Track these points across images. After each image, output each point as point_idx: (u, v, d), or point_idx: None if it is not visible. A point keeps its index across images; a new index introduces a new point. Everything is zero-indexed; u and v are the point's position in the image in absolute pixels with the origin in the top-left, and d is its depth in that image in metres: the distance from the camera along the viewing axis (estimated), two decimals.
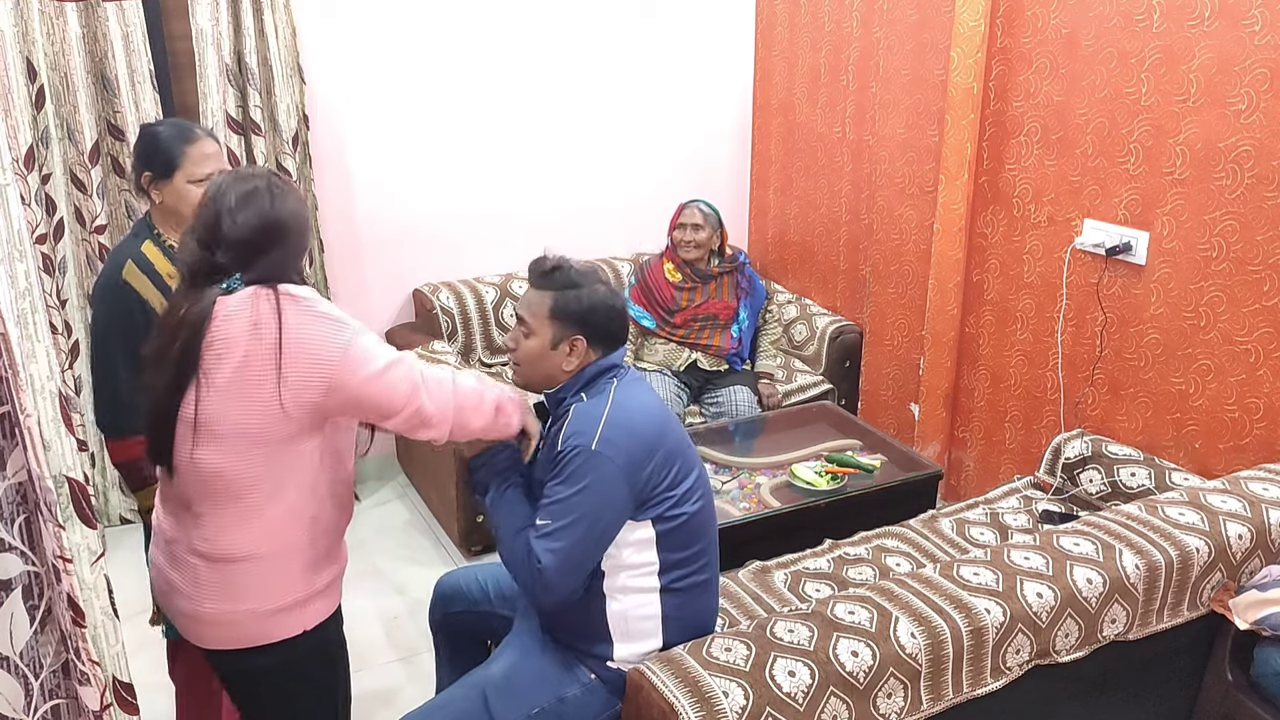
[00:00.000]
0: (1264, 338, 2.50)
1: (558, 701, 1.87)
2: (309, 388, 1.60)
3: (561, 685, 1.88)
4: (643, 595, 1.87)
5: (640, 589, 1.86)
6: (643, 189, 4.14)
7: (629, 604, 1.87)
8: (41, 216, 3.02)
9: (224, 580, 1.69)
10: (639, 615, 1.87)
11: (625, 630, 1.88)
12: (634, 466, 1.78)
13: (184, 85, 3.29)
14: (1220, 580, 2.13)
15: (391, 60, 3.56)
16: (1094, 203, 2.86)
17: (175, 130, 2.14)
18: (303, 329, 1.63)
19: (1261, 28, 2.37)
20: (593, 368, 1.89)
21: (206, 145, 2.12)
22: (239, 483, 1.64)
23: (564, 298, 1.86)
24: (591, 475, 1.75)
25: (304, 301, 1.66)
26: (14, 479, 1.23)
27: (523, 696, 1.87)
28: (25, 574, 1.27)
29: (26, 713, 1.28)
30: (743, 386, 3.54)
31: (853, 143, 3.79)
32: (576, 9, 3.81)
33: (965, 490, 3.46)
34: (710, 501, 1.94)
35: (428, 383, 1.70)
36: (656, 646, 1.89)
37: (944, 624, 1.83)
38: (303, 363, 1.60)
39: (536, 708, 1.86)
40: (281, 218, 1.71)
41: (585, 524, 1.76)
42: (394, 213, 3.73)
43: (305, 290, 1.69)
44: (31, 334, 1.19)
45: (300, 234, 1.74)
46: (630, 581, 1.86)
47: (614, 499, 1.78)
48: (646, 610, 1.87)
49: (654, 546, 1.85)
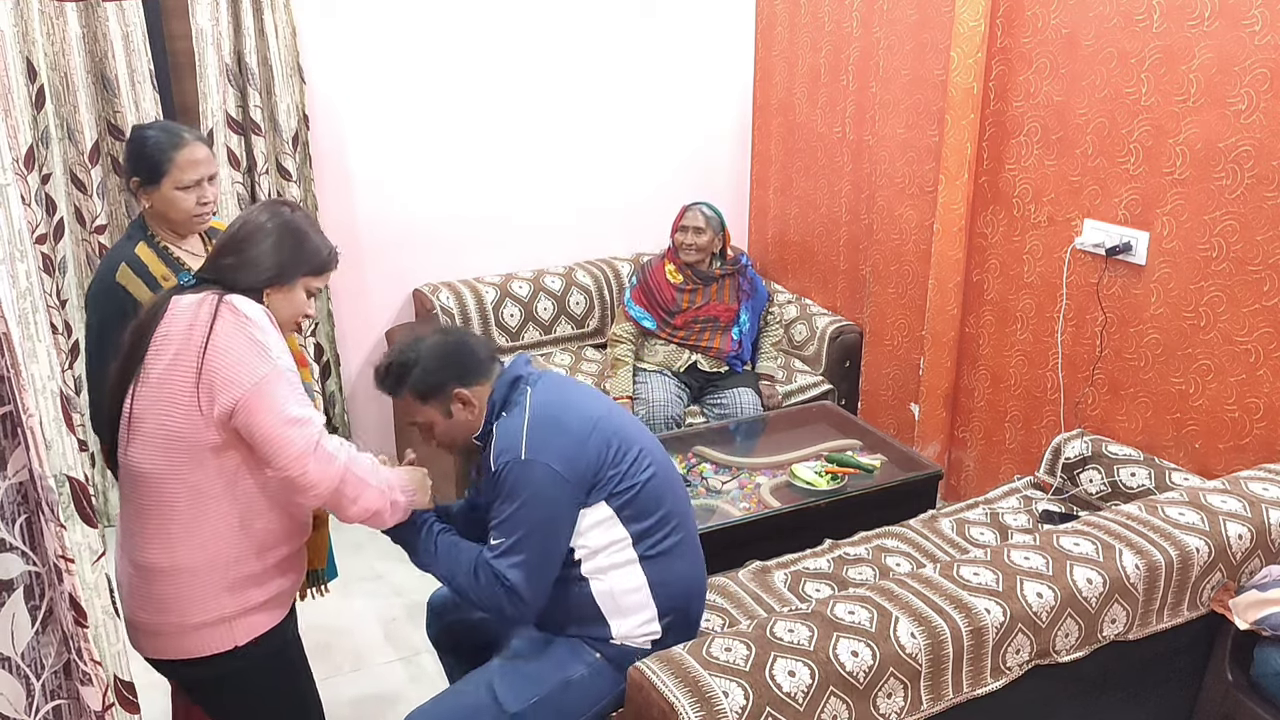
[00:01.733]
0: (1264, 338, 2.50)
1: (564, 684, 1.89)
2: (221, 398, 1.60)
3: (567, 667, 1.90)
4: (622, 570, 1.90)
5: (618, 564, 1.89)
6: (643, 189, 4.14)
7: (612, 582, 1.89)
8: (41, 216, 3.02)
9: (148, 590, 1.69)
10: (625, 589, 1.90)
11: (616, 607, 1.91)
12: (568, 461, 1.81)
13: (184, 85, 3.29)
14: (1220, 580, 2.13)
15: (391, 60, 3.56)
16: (1094, 203, 2.86)
17: (163, 135, 2.12)
18: (230, 341, 1.63)
19: (1261, 28, 2.37)
20: (498, 391, 1.91)
21: (195, 151, 2.11)
22: (162, 488, 1.64)
23: (415, 381, 1.91)
24: (529, 484, 1.78)
25: (243, 318, 1.65)
26: (15, 478, 1.23)
27: (529, 682, 1.89)
28: (26, 574, 1.26)
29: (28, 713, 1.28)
30: (747, 388, 3.54)
31: (853, 143, 3.79)
32: (576, 9, 3.81)
33: (965, 490, 3.46)
34: (664, 466, 1.97)
35: (319, 455, 1.65)
36: (652, 615, 1.92)
37: (944, 624, 1.83)
38: (219, 373, 1.61)
39: (544, 691, 1.88)
40: (252, 229, 1.75)
41: (538, 532, 1.80)
42: (394, 213, 3.73)
43: (254, 310, 1.68)
44: (32, 334, 1.19)
45: (267, 252, 1.75)
46: (606, 560, 1.89)
47: (558, 499, 1.81)
48: (631, 583, 1.90)
49: (617, 522, 1.88)
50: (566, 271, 3.99)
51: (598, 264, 4.06)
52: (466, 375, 1.91)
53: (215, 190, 2.18)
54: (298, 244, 1.79)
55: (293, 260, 1.78)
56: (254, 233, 1.77)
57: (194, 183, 2.11)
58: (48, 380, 1.21)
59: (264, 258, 1.75)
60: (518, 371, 1.94)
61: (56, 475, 1.22)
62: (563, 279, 3.96)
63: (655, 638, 1.95)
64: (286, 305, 1.79)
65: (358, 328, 3.79)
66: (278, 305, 1.78)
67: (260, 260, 1.75)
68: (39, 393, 1.19)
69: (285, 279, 1.77)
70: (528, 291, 3.88)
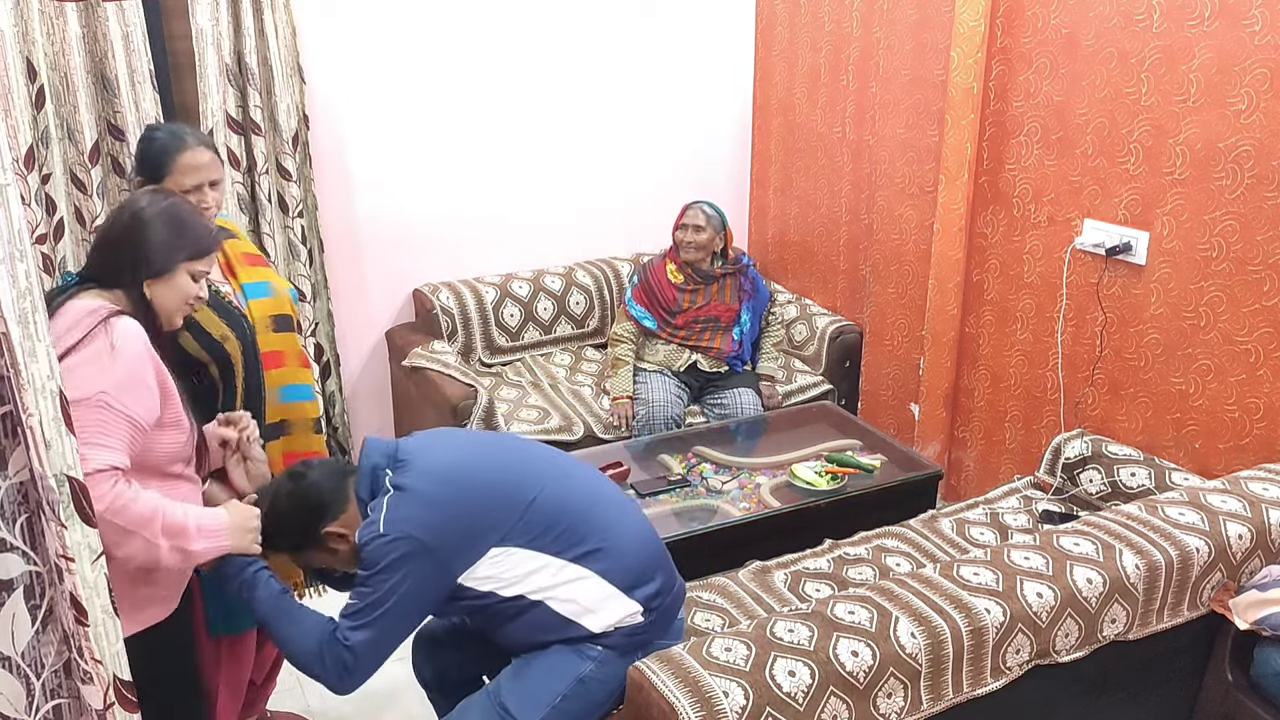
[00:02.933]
0: (1264, 338, 2.50)
1: (578, 683, 1.87)
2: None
3: (575, 667, 1.88)
4: (570, 581, 1.86)
5: (564, 580, 1.86)
6: (643, 189, 4.14)
7: (569, 592, 1.86)
8: (41, 216, 3.02)
9: None
10: (583, 591, 1.86)
11: (583, 609, 1.87)
12: (432, 528, 1.77)
13: (184, 85, 3.29)
14: (1220, 580, 2.13)
15: (391, 60, 3.56)
16: (1094, 203, 2.86)
17: (169, 137, 2.14)
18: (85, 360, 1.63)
19: (1261, 28, 2.37)
20: (362, 492, 1.85)
21: (198, 155, 2.12)
22: None
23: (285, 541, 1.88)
24: (389, 556, 1.74)
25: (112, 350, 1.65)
26: (16, 478, 1.23)
27: (542, 691, 1.87)
28: (27, 574, 1.27)
29: (28, 712, 1.28)
30: (748, 389, 3.54)
31: (853, 143, 3.79)
32: (576, 9, 3.81)
33: (965, 490, 3.46)
34: (556, 479, 1.92)
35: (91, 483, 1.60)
36: (622, 596, 1.88)
37: (944, 624, 1.83)
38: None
39: (560, 695, 1.86)
40: (125, 224, 1.77)
41: (394, 601, 1.75)
42: (394, 213, 3.73)
43: (129, 345, 1.67)
44: (32, 333, 1.19)
45: (143, 246, 1.75)
46: (549, 580, 1.85)
47: (420, 572, 1.76)
48: (585, 584, 1.86)
49: (531, 549, 1.84)
50: (566, 271, 3.99)
51: (598, 264, 4.06)
52: (327, 512, 1.85)
53: (218, 195, 2.18)
54: (173, 233, 1.78)
55: (169, 250, 1.77)
56: (128, 227, 1.78)
57: (193, 186, 2.12)
58: (47, 380, 1.21)
59: (139, 251, 1.76)
60: (372, 462, 1.86)
61: (56, 475, 1.22)
62: (563, 279, 3.96)
63: (643, 611, 1.91)
64: (170, 293, 1.79)
65: (358, 328, 3.79)
66: (161, 295, 1.78)
67: (136, 255, 1.76)
68: (39, 392, 1.19)
69: (165, 269, 1.78)
70: (528, 291, 3.88)
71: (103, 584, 1.32)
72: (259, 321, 2.21)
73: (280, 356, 2.25)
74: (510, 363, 3.84)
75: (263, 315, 2.22)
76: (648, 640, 1.93)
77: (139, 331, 1.71)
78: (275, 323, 2.24)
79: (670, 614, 1.98)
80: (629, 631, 1.90)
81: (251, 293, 2.22)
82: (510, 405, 3.48)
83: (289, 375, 2.27)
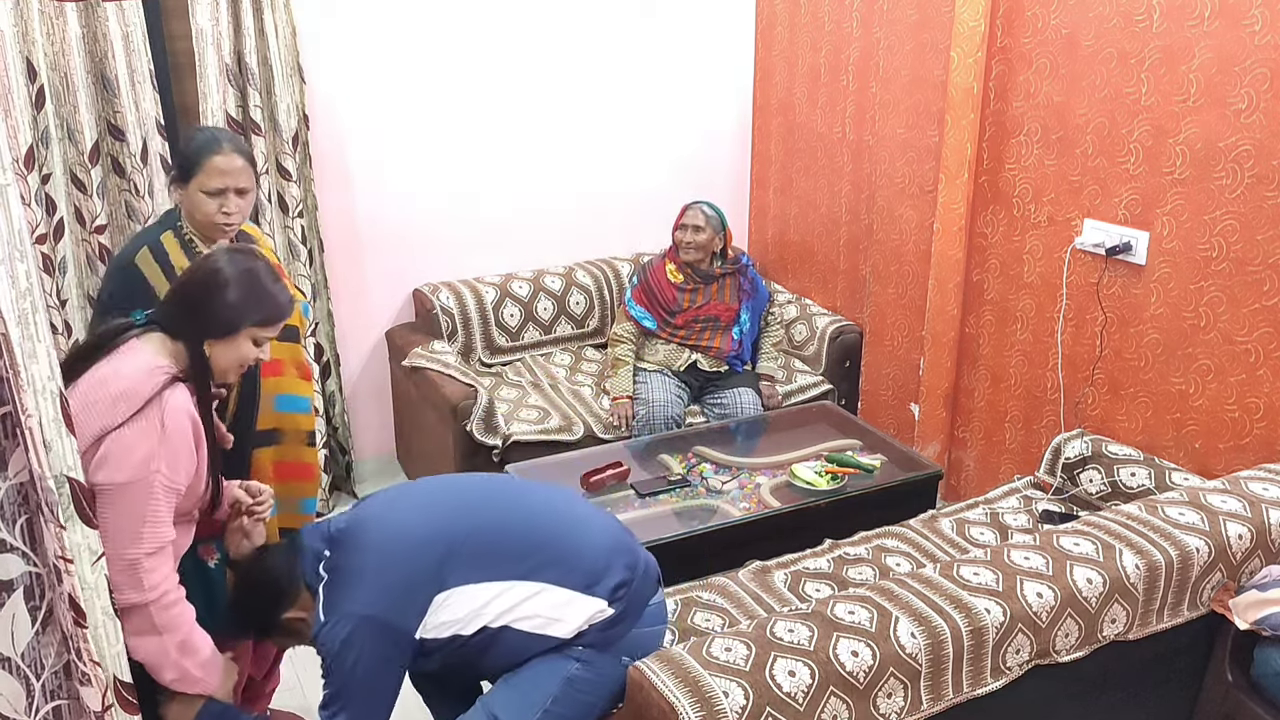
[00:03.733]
0: (1264, 338, 2.50)
1: (567, 683, 1.87)
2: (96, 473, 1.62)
3: (561, 669, 1.88)
4: (526, 599, 1.85)
5: (519, 599, 1.85)
6: (643, 189, 4.14)
7: (528, 609, 1.85)
8: (41, 216, 3.02)
9: None
10: (542, 603, 1.85)
11: (549, 619, 1.86)
12: (369, 602, 1.78)
13: (184, 85, 3.29)
14: (1220, 580, 2.13)
15: (391, 60, 3.56)
16: (1094, 203, 2.86)
17: (206, 139, 2.17)
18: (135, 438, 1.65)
19: (1261, 28, 2.37)
20: (311, 580, 1.86)
21: (228, 161, 2.13)
22: None
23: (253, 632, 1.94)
24: (337, 640, 1.76)
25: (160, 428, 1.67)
26: (15, 479, 1.23)
27: (532, 696, 1.87)
28: (26, 574, 1.27)
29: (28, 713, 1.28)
30: (747, 388, 3.54)
31: (853, 143, 3.79)
32: (576, 9, 3.81)
33: (965, 490, 3.46)
34: (490, 508, 1.94)
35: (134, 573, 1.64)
36: (582, 597, 1.87)
37: (944, 624, 1.83)
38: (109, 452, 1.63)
39: (550, 698, 1.86)
40: (207, 277, 1.79)
41: (357, 680, 1.76)
42: (394, 213, 3.73)
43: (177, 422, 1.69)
44: (32, 334, 1.19)
45: (217, 306, 1.77)
46: (505, 605, 1.84)
47: (372, 645, 1.77)
48: (541, 597, 1.85)
49: (477, 583, 1.83)
50: (566, 271, 3.99)
51: (598, 264, 4.06)
52: (284, 598, 1.87)
53: (243, 204, 2.18)
54: (246, 297, 1.79)
55: (239, 314, 1.79)
56: (203, 285, 1.79)
57: (218, 190, 2.14)
58: (47, 381, 1.21)
59: (209, 311, 1.77)
60: (310, 549, 1.88)
61: (56, 476, 1.22)
62: (563, 279, 3.96)
63: (609, 603, 1.88)
64: (228, 354, 1.80)
65: (358, 328, 3.79)
66: (219, 354, 1.79)
67: (205, 313, 1.77)
68: (39, 393, 1.19)
69: (230, 332, 1.79)
70: (528, 291, 3.88)
71: (103, 585, 1.32)
72: None
73: (279, 365, 2.25)
74: (510, 363, 3.84)
75: None
76: (624, 630, 1.91)
77: (185, 403, 1.73)
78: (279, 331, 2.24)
79: (640, 597, 1.95)
80: (602, 626, 1.89)
81: None
82: (510, 405, 3.48)
83: (285, 384, 2.27)
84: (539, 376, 3.73)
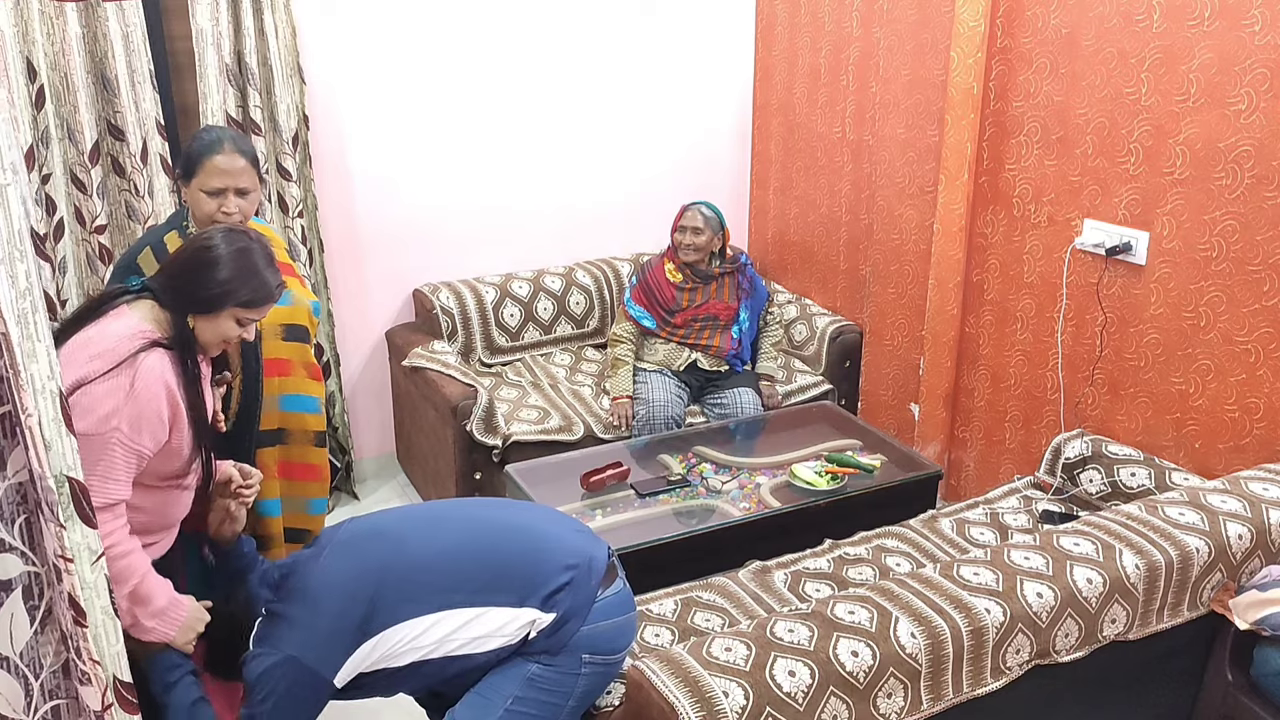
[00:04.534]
0: (1264, 338, 2.50)
1: (527, 682, 1.86)
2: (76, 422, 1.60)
3: (520, 669, 1.86)
4: (467, 624, 1.84)
5: (459, 624, 1.84)
6: (643, 189, 4.14)
7: (467, 634, 1.84)
8: (41, 216, 3.02)
9: None
10: (483, 627, 1.84)
11: (486, 635, 1.85)
12: (297, 643, 1.78)
13: (184, 85, 3.29)
14: (1220, 580, 2.13)
15: (391, 60, 3.56)
16: (1094, 203, 2.86)
17: (211, 138, 2.19)
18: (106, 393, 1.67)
19: (1261, 28, 2.37)
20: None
21: (228, 161, 2.15)
22: None
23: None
24: (253, 673, 1.78)
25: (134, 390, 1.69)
26: (15, 479, 1.23)
27: (491, 698, 1.86)
28: (26, 574, 1.27)
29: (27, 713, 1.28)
30: (747, 388, 3.54)
31: (853, 143, 3.79)
32: (576, 8, 3.81)
33: (965, 490, 3.46)
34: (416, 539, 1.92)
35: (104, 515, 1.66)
36: (515, 609, 1.86)
37: (944, 624, 1.83)
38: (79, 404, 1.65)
39: (510, 697, 1.85)
40: (201, 251, 1.82)
41: (262, 713, 1.77)
42: (394, 213, 3.73)
43: (150, 386, 1.71)
44: (32, 334, 1.19)
45: (206, 282, 1.79)
46: (444, 634, 1.83)
47: (285, 686, 1.77)
48: (482, 621, 1.84)
49: (411, 620, 1.83)
50: (566, 271, 3.99)
51: (598, 264, 4.06)
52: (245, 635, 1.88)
53: (244, 204, 2.19)
54: (234, 278, 1.80)
55: (224, 294, 1.80)
56: (195, 259, 1.82)
57: (217, 190, 2.15)
58: (47, 380, 1.21)
59: (195, 286, 1.79)
60: (259, 595, 1.89)
61: (56, 475, 1.22)
62: (563, 279, 3.96)
63: (542, 610, 1.86)
64: (211, 330, 1.83)
65: (358, 328, 3.79)
66: (202, 329, 1.82)
67: (192, 288, 1.79)
68: (38, 393, 1.19)
69: (213, 309, 1.81)
70: (528, 291, 3.88)
71: (102, 584, 1.31)
72: (267, 328, 2.21)
73: (286, 365, 2.25)
74: (510, 363, 3.84)
75: (273, 322, 2.22)
76: (573, 630, 1.87)
77: (162, 369, 1.74)
78: (286, 331, 2.24)
79: (584, 597, 1.90)
80: (547, 632, 1.86)
81: None
82: (510, 405, 3.48)
83: (292, 384, 2.28)
84: (539, 376, 3.73)
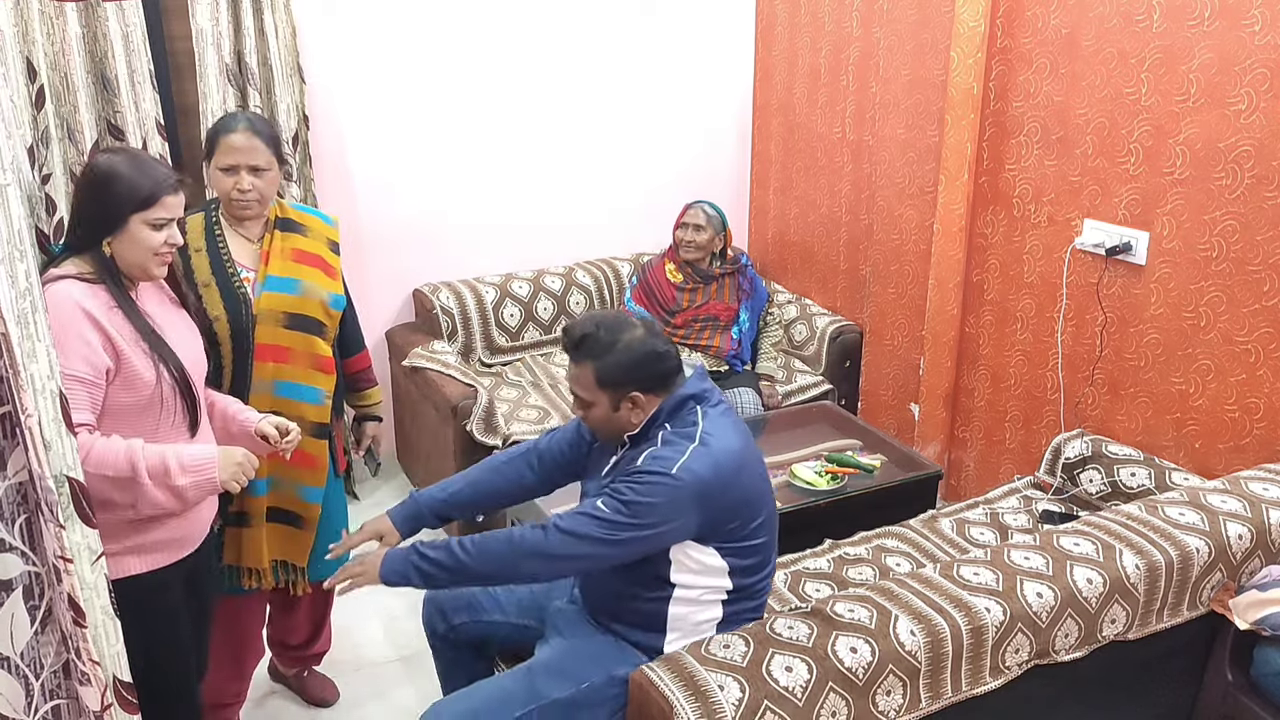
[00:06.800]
0: (1264, 338, 2.50)
1: (609, 679, 1.89)
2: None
3: (614, 664, 1.90)
4: (710, 605, 1.93)
5: (709, 601, 1.93)
6: (643, 189, 4.14)
7: (694, 609, 1.92)
8: (41, 216, 3.02)
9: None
10: (701, 619, 1.93)
11: (683, 630, 1.93)
12: (706, 500, 1.82)
13: (184, 85, 3.29)
14: (1220, 580, 2.13)
15: (392, 60, 3.56)
16: (1094, 203, 2.86)
17: (225, 119, 2.23)
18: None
19: (1261, 28, 2.37)
20: (668, 402, 1.91)
21: (237, 138, 2.17)
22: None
23: (604, 366, 1.87)
24: (663, 496, 1.78)
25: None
26: (15, 479, 1.23)
27: (573, 673, 1.90)
28: (26, 574, 1.27)
29: (27, 713, 1.28)
30: (747, 388, 3.54)
31: (853, 143, 3.79)
32: (576, 9, 3.81)
33: (965, 490, 3.46)
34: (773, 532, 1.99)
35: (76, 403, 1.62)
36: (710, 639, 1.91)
37: (944, 623, 1.83)
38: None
39: (586, 682, 1.88)
40: (75, 188, 1.80)
41: (630, 531, 1.78)
42: (394, 213, 3.73)
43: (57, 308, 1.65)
44: (32, 334, 1.19)
45: (78, 207, 1.76)
46: (702, 596, 1.92)
47: (674, 524, 1.81)
48: (708, 614, 1.94)
49: (726, 574, 1.91)
50: (566, 271, 3.99)
51: (598, 264, 4.06)
52: (650, 385, 1.90)
53: (259, 181, 2.20)
54: (114, 187, 1.74)
55: (113, 205, 1.74)
56: (79, 188, 1.79)
57: (229, 166, 2.17)
58: (47, 380, 1.21)
59: (87, 212, 1.76)
60: (692, 390, 1.92)
61: (56, 475, 1.22)
62: (563, 279, 3.96)
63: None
64: (129, 248, 1.76)
65: None
66: (121, 251, 1.76)
67: (86, 216, 1.76)
68: (38, 393, 1.19)
69: (111, 227, 1.75)
70: (528, 291, 3.88)
71: (102, 585, 1.32)
72: (266, 314, 2.21)
73: (284, 352, 2.25)
74: (510, 363, 3.84)
75: (273, 309, 2.21)
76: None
77: (68, 295, 1.68)
78: (289, 319, 2.24)
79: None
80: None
81: (273, 285, 2.22)
82: (510, 405, 3.48)
83: (288, 372, 2.26)
84: (539, 376, 3.73)
